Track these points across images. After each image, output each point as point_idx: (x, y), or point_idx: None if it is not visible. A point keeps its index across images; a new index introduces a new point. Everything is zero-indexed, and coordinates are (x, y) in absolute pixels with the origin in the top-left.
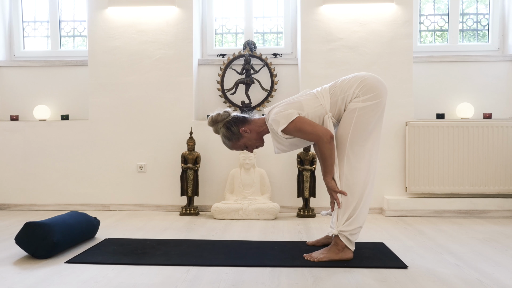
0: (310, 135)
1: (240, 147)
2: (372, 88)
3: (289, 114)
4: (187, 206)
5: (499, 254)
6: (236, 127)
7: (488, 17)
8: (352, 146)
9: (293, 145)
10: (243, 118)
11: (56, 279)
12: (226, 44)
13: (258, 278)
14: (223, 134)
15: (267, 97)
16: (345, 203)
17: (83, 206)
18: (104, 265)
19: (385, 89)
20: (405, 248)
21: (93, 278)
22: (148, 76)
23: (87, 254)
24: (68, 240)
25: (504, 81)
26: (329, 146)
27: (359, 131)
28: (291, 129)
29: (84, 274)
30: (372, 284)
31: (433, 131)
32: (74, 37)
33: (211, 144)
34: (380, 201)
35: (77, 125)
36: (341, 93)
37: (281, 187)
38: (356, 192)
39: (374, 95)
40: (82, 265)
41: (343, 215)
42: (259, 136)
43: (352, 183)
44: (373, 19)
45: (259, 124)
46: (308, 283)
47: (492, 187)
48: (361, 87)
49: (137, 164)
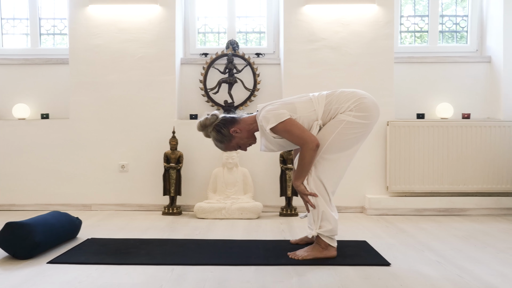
0: (297, 139)
1: (234, 148)
2: (367, 109)
3: (280, 114)
4: (170, 205)
5: (478, 251)
6: (226, 128)
7: (466, 19)
8: (325, 153)
9: (279, 146)
10: (231, 119)
11: (39, 280)
12: (208, 43)
13: (243, 277)
14: (214, 138)
15: (250, 97)
16: (316, 204)
17: (64, 206)
18: (87, 265)
19: (378, 115)
20: (387, 246)
21: (77, 278)
22: (130, 74)
23: (70, 254)
24: (50, 240)
25: (482, 82)
26: (313, 153)
27: (338, 142)
28: (279, 129)
29: (67, 274)
30: (356, 281)
31: (414, 130)
32: (54, 35)
33: (194, 143)
34: (362, 200)
35: (57, 124)
36: (337, 103)
37: (264, 186)
38: (325, 194)
39: (367, 115)
40: (65, 265)
41: (318, 217)
42: (250, 134)
43: (320, 187)
44: (355, 19)
45: (249, 122)
46: (293, 281)
47: (471, 185)
48: (358, 103)
49: (119, 163)
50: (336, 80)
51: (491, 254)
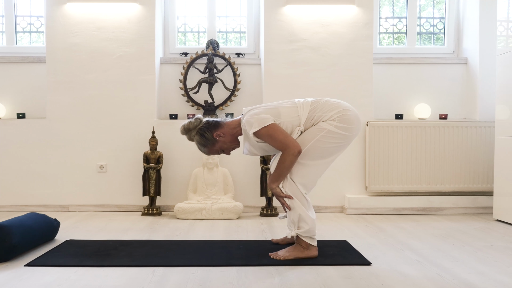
0: (280, 144)
1: (217, 152)
2: (350, 121)
3: (264, 118)
4: (149, 206)
5: (456, 250)
6: (210, 132)
7: (444, 21)
8: (302, 158)
9: (262, 150)
10: (215, 123)
11: (16, 283)
12: (188, 42)
13: (226, 278)
14: (197, 141)
15: (230, 97)
16: (292, 206)
17: (41, 207)
18: (66, 267)
19: (359, 129)
20: (367, 245)
21: (55, 281)
22: (109, 74)
23: (48, 257)
24: (27, 242)
25: (458, 83)
26: (294, 159)
27: (316, 149)
28: (262, 133)
29: (45, 277)
30: (338, 281)
31: (392, 131)
32: (30, 33)
33: (174, 143)
34: (341, 200)
35: (34, 124)
36: (320, 111)
37: (244, 187)
38: (298, 195)
39: (348, 127)
40: (43, 268)
41: (295, 218)
42: (233, 138)
43: (295, 189)
44: (335, 20)
45: (233, 126)
46: (275, 282)
47: (448, 185)
48: (341, 115)
49: (98, 163)
50: (316, 80)
51: (469, 253)
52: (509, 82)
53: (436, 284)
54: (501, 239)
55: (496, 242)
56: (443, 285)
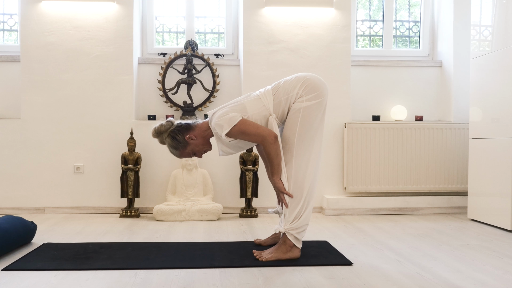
0: (254, 137)
1: (188, 154)
2: (315, 87)
3: (231, 117)
4: (128, 208)
5: (434, 249)
6: (181, 135)
7: (419, 24)
8: (299, 146)
9: (237, 147)
10: (186, 125)
11: None
12: (167, 43)
13: (209, 280)
14: (169, 144)
15: (209, 97)
16: (293, 203)
17: (15, 209)
18: (45, 271)
19: (327, 88)
20: (348, 245)
21: (35, 285)
22: (85, 74)
23: (26, 260)
24: (3, 246)
25: (433, 86)
26: (274, 146)
27: (305, 131)
28: (234, 132)
29: (24, 281)
30: (321, 281)
31: (370, 132)
32: (3, 31)
33: (152, 144)
34: (320, 200)
35: (7, 124)
36: (285, 94)
37: (223, 188)
38: (304, 191)
39: (317, 94)
40: (21, 272)
41: (291, 214)
42: (205, 140)
43: (300, 183)
44: (314, 22)
45: (203, 129)
46: (259, 283)
47: (424, 185)
48: (304, 87)
49: (74, 165)
50: None
51: (446, 252)
52: (482, 85)
53: (417, 283)
54: (476, 238)
55: (471, 241)
56: (423, 283)
